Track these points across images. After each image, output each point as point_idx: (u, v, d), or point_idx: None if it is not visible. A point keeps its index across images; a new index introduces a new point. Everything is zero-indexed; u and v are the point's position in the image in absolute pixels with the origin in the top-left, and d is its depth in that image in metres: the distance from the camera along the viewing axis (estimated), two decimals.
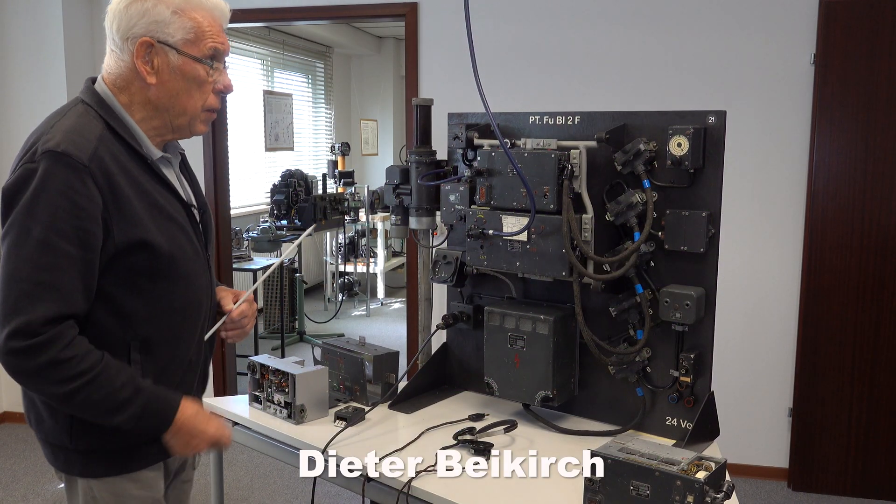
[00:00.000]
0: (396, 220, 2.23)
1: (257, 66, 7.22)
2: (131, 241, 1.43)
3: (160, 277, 1.49)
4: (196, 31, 1.49)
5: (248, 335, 1.81)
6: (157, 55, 1.47)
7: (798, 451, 3.73)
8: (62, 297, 1.36)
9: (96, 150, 1.40)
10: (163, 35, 1.46)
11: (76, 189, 1.36)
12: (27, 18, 4.18)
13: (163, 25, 1.46)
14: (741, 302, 3.71)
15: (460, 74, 3.82)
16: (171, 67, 1.48)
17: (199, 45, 1.49)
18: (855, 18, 3.45)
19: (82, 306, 1.40)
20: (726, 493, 1.40)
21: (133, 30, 1.46)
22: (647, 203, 1.84)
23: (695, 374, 1.88)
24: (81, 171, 1.37)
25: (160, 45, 1.46)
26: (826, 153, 3.55)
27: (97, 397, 1.40)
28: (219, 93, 1.57)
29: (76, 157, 1.37)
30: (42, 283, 1.35)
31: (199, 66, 1.50)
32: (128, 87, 1.50)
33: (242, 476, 3.88)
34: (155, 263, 1.47)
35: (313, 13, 4.22)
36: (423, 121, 2.20)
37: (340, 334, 6.42)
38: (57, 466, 1.57)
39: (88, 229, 1.38)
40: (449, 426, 1.97)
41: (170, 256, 1.49)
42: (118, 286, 1.45)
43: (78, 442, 1.50)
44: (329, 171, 7.15)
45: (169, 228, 1.50)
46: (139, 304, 1.48)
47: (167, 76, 1.48)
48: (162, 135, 1.56)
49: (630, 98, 3.71)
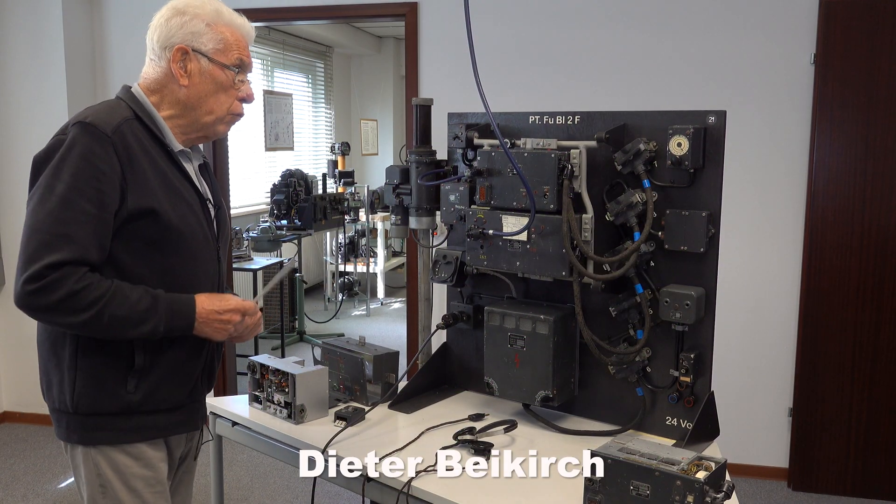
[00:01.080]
0: (396, 220, 2.23)
1: (257, 66, 7.21)
2: (142, 208, 1.57)
3: (167, 249, 1.62)
4: (225, 43, 1.69)
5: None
6: (190, 61, 1.67)
7: (798, 451, 3.73)
8: (77, 247, 1.50)
9: (120, 125, 1.58)
10: (197, 44, 1.66)
11: (98, 155, 1.53)
12: (27, 18, 4.18)
13: (197, 36, 1.66)
14: (741, 302, 3.71)
15: (460, 74, 3.82)
16: (202, 72, 1.68)
17: (228, 54, 1.69)
18: (855, 18, 3.45)
19: (96, 258, 1.53)
20: (726, 493, 1.40)
21: (171, 39, 1.66)
22: (647, 203, 1.84)
23: (695, 374, 1.88)
24: (104, 141, 1.54)
25: (194, 52, 1.66)
26: (826, 153, 3.55)
27: (122, 313, 1.53)
28: (241, 100, 1.75)
29: (101, 128, 1.54)
30: (60, 235, 1.49)
31: (227, 72, 1.69)
32: (161, 90, 1.69)
33: (242, 476, 3.88)
34: (162, 234, 1.60)
35: (313, 13, 4.22)
36: (423, 121, 2.20)
37: (340, 334, 6.42)
38: (59, 434, 1.66)
39: (106, 192, 1.53)
40: (449, 426, 1.97)
41: (178, 230, 1.62)
42: (127, 252, 1.58)
43: (79, 404, 1.60)
44: (329, 170, 7.15)
45: (179, 206, 1.64)
46: (144, 272, 1.60)
47: (198, 79, 1.68)
48: (187, 133, 1.72)
49: (630, 98, 3.71)
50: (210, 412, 2.14)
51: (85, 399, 1.61)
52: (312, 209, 5.85)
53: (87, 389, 1.60)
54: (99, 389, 1.61)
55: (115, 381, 1.62)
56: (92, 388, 1.61)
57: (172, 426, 1.72)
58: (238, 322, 1.69)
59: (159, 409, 1.67)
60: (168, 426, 1.71)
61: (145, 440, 1.67)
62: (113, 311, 1.52)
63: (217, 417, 2.13)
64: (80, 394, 1.61)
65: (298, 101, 7.98)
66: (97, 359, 1.60)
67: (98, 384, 1.61)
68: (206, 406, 1.93)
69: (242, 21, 1.75)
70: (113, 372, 1.61)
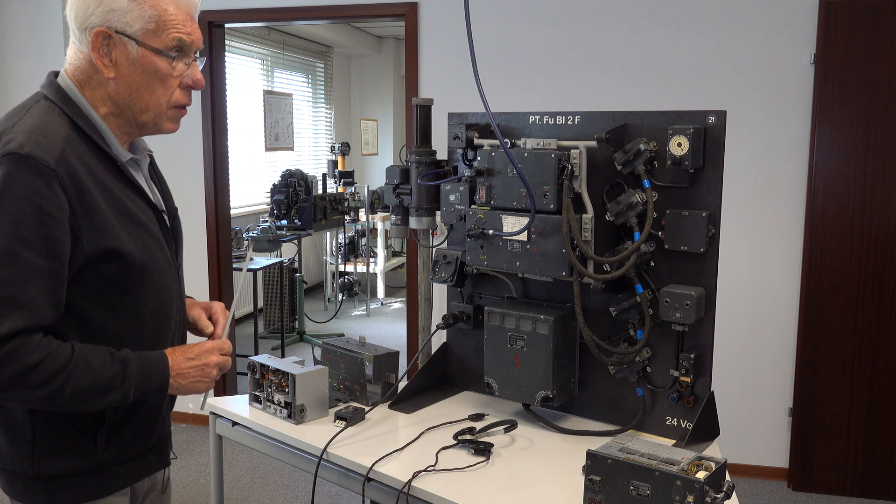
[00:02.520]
0: (396, 220, 2.23)
1: (257, 66, 7.22)
2: (101, 250, 1.33)
3: (131, 289, 1.40)
4: (157, 21, 1.36)
5: None
6: (115, 47, 1.36)
7: (798, 451, 3.73)
8: (29, 312, 1.27)
9: (63, 151, 1.30)
10: (120, 24, 1.34)
11: (42, 194, 1.26)
12: (27, 18, 4.18)
13: (120, 14, 1.34)
14: (741, 302, 3.71)
15: (460, 74, 3.82)
16: (131, 60, 1.36)
17: (161, 35, 1.37)
18: (855, 18, 3.45)
19: (50, 320, 1.31)
20: (726, 493, 1.40)
21: (90, 19, 1.35)
22: (647, 203, 1.84)
23: (695, 374, 1.88)
24: (48, 175, 1.27)
25: (118, 35, 1.35)
26: (826, 153, 3.55)
27: (86, 384, 1.31)
28: (187, 88, 1.45)
29: (42, 160, 1.26)
30: (6, 299, 1.25)
31: (161, 58, 1.38)
32: (89, 82, 1.40)
33: (242, 476, 3.88)
34: (125, 274, 1.38)
35: (313, 13, 4.22)
36: (423, 121, 2.20)
37: (340, 334, 6.43)
38: (14, 496, 1.43)
39: (56, 238, 1.28)
40: (449, 426, 1.97)
41: (142, 267, 1.40)
42: (87, 299, 1.36)
43: (40, 467, 1.39)
44: (329, 170, 7.15)
45: (140, 236, 1.41)
46: (108, 318, 1.39)
47: (126, 69, 1.37)
48: (128, 133, 1.46)
49: (630, 98, 3.71)
50: (210, 412, 2.14)
51: (47, 462, 1.39)
52: (312, 209, 5.86)
53: (48, 451, 1.38)
54: (63, 451, 1.39)
55: (82, 438, 1.41)
56: (55, 450, 1.39)
57: (141, 471, 1.55)
58: (218, 362, 1.50)
59: (129, 459, 1.49)
60: (137, 472, 1.53)
61: (113, 492, 1.48)
62: (76, 384, 1.30)
63: (217, 417, 2.13)
64: (41, 457, 1.38)
65: (298, 101, 7.99)
66: (57, 416, 1.38)
67: (62, 446, 1.39)
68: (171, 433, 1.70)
69: None
70: (78, 428, 1.40)
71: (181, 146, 4.31)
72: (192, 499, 3.64)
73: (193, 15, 1.43)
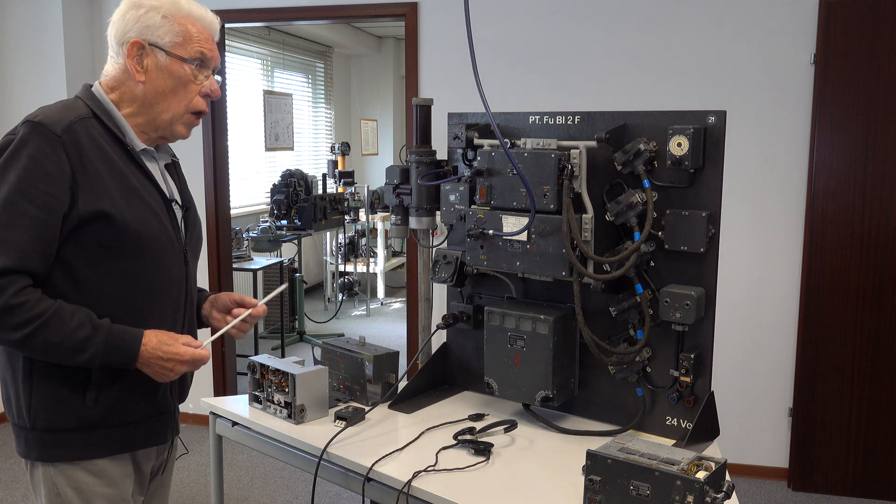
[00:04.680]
0: (396, 220, 2.23)
1: (257, 66, 7.22)
2: (95, 212, 1.49)
3: (125, 255, 1.54)
4: (184, 36, 1.61)
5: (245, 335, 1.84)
6: (147, 56, 1.59)
7: (798, 451, 3.73)
8: (18, 253, 1.43)
9: (72, 124, 1.50)
10: (153, 38, 1.59)
11: (46, 155, 1.46)
12: (27, 18, 4.18)
13: (153, 29, 1.59)
14: (741, 302, 3.71)
15: (460, 74, 3.82)
16: (160, 67, 1.60)
17: (187, 47, 1.61)
18: (855, 18, 3.45)
19: (38, 266, 1.46)
20: (726, 493, 1.40)
21: (127, 34, 1.59)
22: (647, 203, 1.84)
23: (695, 374, 1.88)
24: (53, 140, 1.47)
25: (150, 46, 1.59)
26: (826, 153, 3.55)
27: (56, 339, 1.44)
28: (205, 96, 1.67)
29: (50, 127, 1.48)
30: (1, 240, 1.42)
31: (186, 66, 1.61)
32: (119, 87, 1.61)
33: (242, 476, 3.88)
34: (119, 239, 1.52)
35: (313, 13, 4.22)
36: (423, 121, 2.20)
37: (340, 334, 6.42)
38: (19, 451, 1.59)
39: (54, 194, 1.45)
40: (449, 426, 1.97)
41: (136, 234, 1.53)
42: (81, 259, 1.50)
43: (36, 419, 1.54)
44: (329, 170, 7.15)
45: (138, 207, 1.55)
46: (102, 280, 1.53)
47: (155, 75, 1.60)
48: (146, 132, 1.64)
49: (630, 98, 3.71)
50: (210, 412, 2.14)
51: (41, 414, 1.53)
52: (312, 209, 5.86)
53: (43, 404, 1.53)
54: (55, 404, 1.53)
55: (73, 394, 1.54)
56: (48, 402, 1.53)
57: (137, 440, 1.63)
58: (185, 371, 1.58)
59: (122, 423, 1.59)
60: (132, 440, 1.62)
61: (107, 456, 1.58)
62: (46, 336, 1.43)
63: (217, 417, 2.13)
64: (37, 408, 1.53)
65: (298, 101, 7.99)
66: (52, 371, 1.52)
67: (54, 398, 1.53)
68: (178, 420, 1.79)
69: (204, 12, 1.65)
70: (70, 385, 1.53)
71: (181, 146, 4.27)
72: (192, 499, 3.64)
73: (214, 38, 1.67)
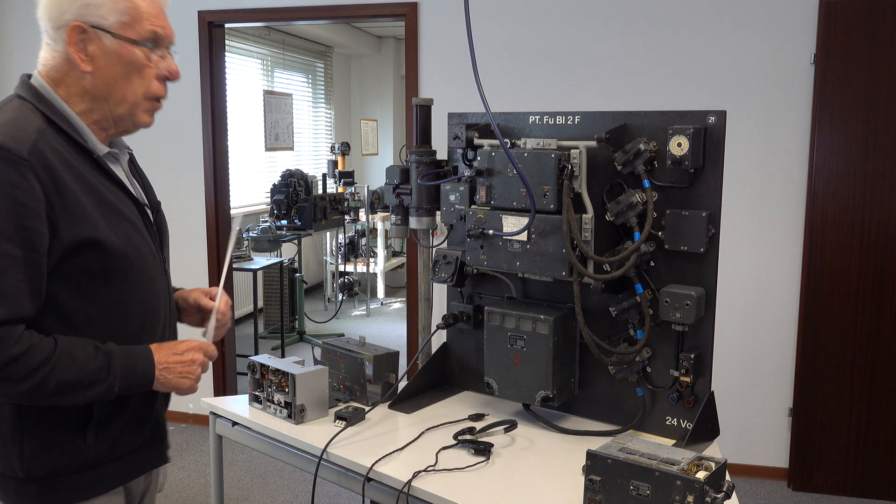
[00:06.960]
0: (396, 220, 2.23)
1: (257, 66, 7.22)
2: (80, 240, 1.32)
3: (114, 281, 1.39)
4: (132, 13, 1.39)
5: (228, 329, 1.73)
6: (90, 41, 1.37)
7: (798, 451, 3.73)
8: (7, 303, 1.26)
9: (36, 143, 1.30)
10: (95, 19, 1.37)
11: (16, 184, 1.26)
12: (27, 18, 4.18)
13: (94, 8, 1.36)
14: (741, 302, 3.71)
15: (460, 74, 3.82)
16: (107, 52, 1.38)
17: (137, 27, 1.40)
18: (855, 18, 3.45)
19: (29, 311, 1.30)
20: (726, 493, 1.40)
21: (64, 16, 1.36)
22: (647, 203, 1.84)
23: (695, 374, 1.88)
24: (21, 166, 1.27)
25: (93, 29, 1.37)
26: (826, 153, 3.55)
27: (70, 378, 1.31)
28: (163, 79, 1.47)
29: (14, 151, 1.27)
30: None
31: (137, 49, 1.40)
32: (64, 79, 1.40)
33: (242, 476, 3.88)
34: (107, 264, 1.37)
35: (313, 13, 4.22)
36: (423, 121, 2.20)
37: (340, 334, 6.43)
38: (7, 500, 1.41)
39: (32, 227, 1.27)
40: (449, 426, 1.97)
41: (123, 256, 1.39)
42: (68, 292, 1.35)
43: (31, 467, 1.38)
44: (329, 170, 7.15)
45: (121, 226, 1.40)
46: (92, 312, 1.38)
47: (103, 62, 1.39)
48: (105, 129, 1.45)
49: (630, 98, 3.71)
50: (210, 412, 2.14)
51: (38, 462, 1.37)
52: (312, 209, 5.86)
53: (38, 452, 1.37)
54: (53, 449, 1.38)
55: (71, 435, 1.39)
56: (44, 449, 1.37)
57: (134, 470, 1.52)
58: (203, 361, 1.49)
59: (120, 456, 1.47)
60: (129, 471, 1.51)
61: (106, 492, 1.46)
62: (60, 377, 1.30)
63: (217, 417, 2.13)
64: (31, 456, 1.37)
65: (298, 101, 7.99)
66: (44, 416, 1.37)
67: (50, 444, 1.38)
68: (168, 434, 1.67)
69: None
70: (67, 426, 1.39)
71: (181, 146, 4.31)
72: (192, 499, 3.64)
73: (164, 10, 1.46)
